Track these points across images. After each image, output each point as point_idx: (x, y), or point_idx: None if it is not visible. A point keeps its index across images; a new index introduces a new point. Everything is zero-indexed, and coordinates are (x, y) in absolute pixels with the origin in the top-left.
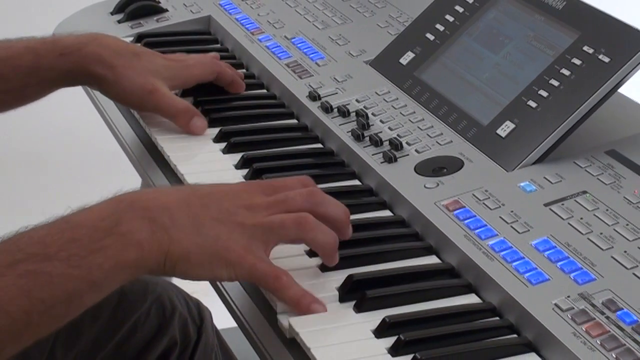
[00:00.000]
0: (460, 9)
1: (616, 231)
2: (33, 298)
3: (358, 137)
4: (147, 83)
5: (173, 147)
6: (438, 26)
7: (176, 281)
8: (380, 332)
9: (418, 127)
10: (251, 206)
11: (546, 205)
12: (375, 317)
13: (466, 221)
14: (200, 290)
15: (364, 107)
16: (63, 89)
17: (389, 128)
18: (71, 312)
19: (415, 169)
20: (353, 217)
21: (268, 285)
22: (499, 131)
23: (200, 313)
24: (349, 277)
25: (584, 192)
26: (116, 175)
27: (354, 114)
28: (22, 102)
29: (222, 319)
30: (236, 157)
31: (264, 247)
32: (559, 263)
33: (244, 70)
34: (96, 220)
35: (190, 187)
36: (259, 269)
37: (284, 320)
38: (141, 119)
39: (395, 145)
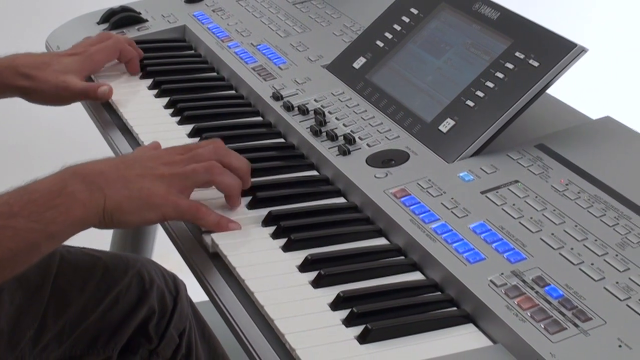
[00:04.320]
0: (406, 19)
1: (544, 216)
2: (3, 248)
3: (316, 133)
4: (59, 82)
5: (150, 140)
6: (387, 34)
7: (154, 257)
8: (336, 305)
9: (369, 124)
10: (169, 162)
11: (482, 192)
12: (331, 292)
13: (411, 207)
14: (176, 266)
15: (322, 106)
16: None
17: (344, 125)
18: (31, 259)
19: (366, 161)
20: (312, 203)
21: (191, 217)
22: (440, 127)
23: (176, 285)
24: (307, 257)
25: (516, 181)
26: None
27: (313, 112)
28: None
29: (196, 293)
30: None
31: (182, 191)
32: (494, 244)
33: (215, 74)
34: (48, 185)
35: (122, 155)
36: (181, 205)
37: (208, 238)
38: (127, 120)
39: (349, 139)
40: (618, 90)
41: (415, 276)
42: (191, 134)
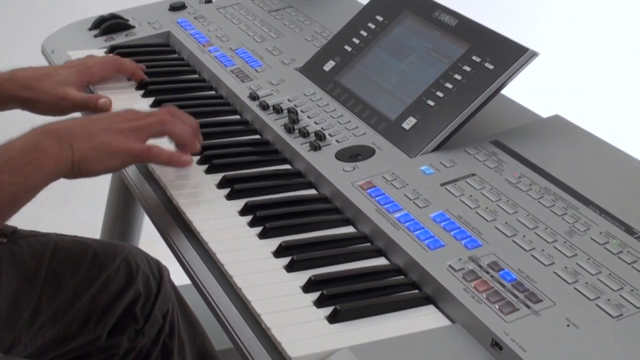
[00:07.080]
0: (372, 26)
1: (499, 206)
2: None
3: (289, 130)
4: (58, 93)
5: None
6: (354, 39)
7: (141, 244)
8: (307, 288)
9: (338, 122)
10: (128, 119)
11: (442, 185)
12: (303, 276)
13: (377, 198)
14: (160, 253)
15: (294, 105)
16: None
17: (315, 122)
18: (13, 211)
19: (335, 156)
20: (286, 194)
21: (146, 158)
22: (403, 125)
23: (160, 271)
24: (281, 243)
25: (473, 175)
26: None
27: (286, 111)
28: None
29: (179, 277)
30: None
31: (139, 141)
32: (453, 232)
33: (197, 76)
34: (23, 143)
35: (89, 116)
36: (134, 150)
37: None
38: None
39: (320, 136)
40: (566, 91)
41: (380, 261)
42: None
